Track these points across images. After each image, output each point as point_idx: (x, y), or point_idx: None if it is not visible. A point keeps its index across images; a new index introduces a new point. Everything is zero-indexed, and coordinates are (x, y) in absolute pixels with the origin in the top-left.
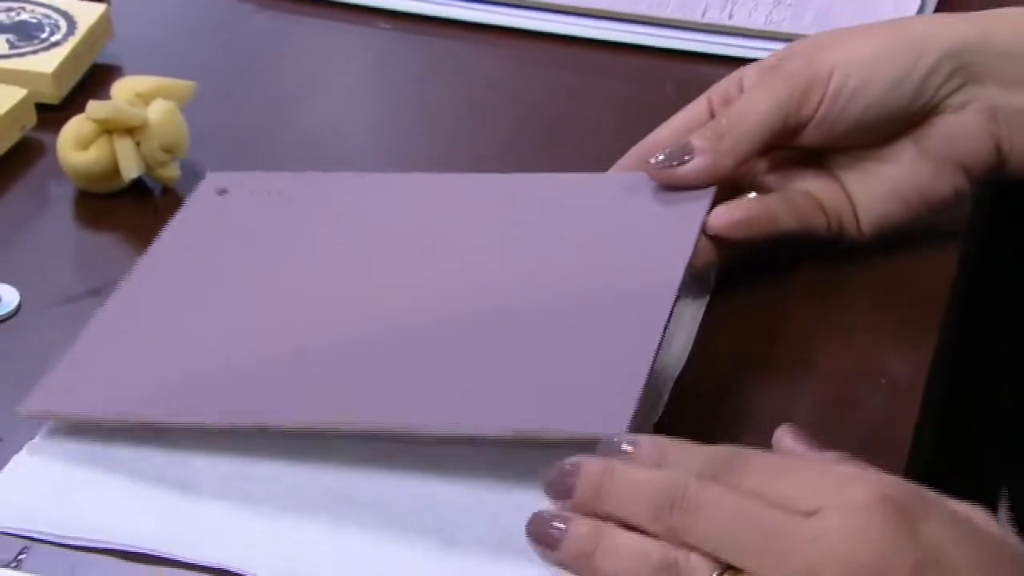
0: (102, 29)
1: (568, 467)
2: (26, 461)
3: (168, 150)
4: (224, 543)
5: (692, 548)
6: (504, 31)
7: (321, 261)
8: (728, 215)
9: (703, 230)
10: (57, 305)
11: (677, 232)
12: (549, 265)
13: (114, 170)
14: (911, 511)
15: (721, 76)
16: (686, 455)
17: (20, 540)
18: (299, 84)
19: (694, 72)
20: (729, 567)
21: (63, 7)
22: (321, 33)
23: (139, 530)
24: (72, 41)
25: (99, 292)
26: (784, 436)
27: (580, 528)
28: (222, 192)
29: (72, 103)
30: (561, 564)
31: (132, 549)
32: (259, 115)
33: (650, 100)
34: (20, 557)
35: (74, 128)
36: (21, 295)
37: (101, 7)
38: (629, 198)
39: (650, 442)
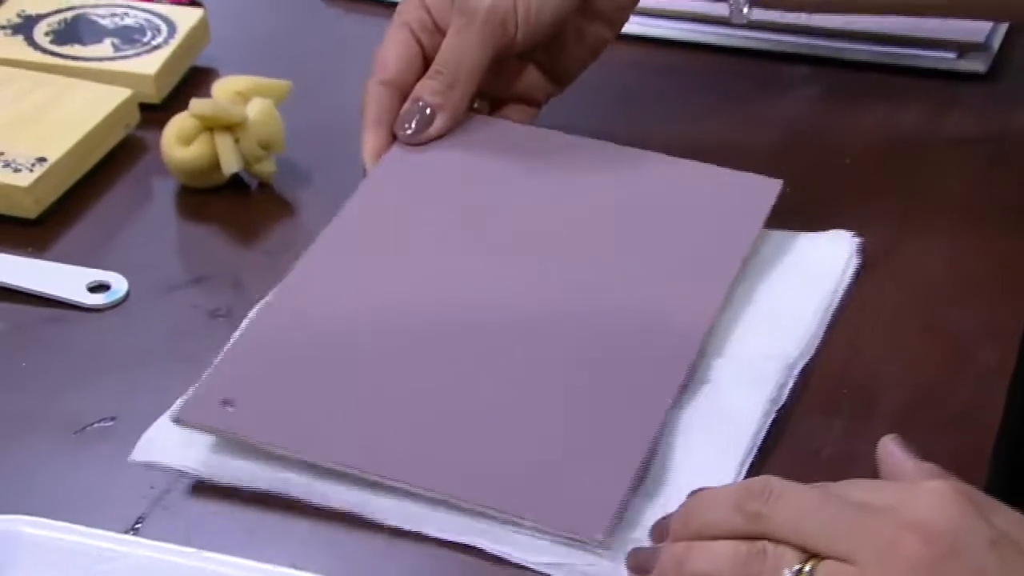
0: (200, 33)
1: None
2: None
3: (265, 146)
4: (351, 491)
5: (777, 540)
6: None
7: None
8: None
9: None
10: (162, 292)
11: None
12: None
13: (214, 165)
14: (982, 503)
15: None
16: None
17: (137, 511)
18: None
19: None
20: (813, 555)
21: (164, 12)
22: None
23: (276, 476)
24: (172, 44)
25: (200, 281)
26: (888, 442)
27: (673, 547)
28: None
29: (172, 104)
30: None
31: (270, 492)
32: (350, 112)
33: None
34: (137, 526)
35: (177, 125)
36: (129, 283)
37: (199, 12)
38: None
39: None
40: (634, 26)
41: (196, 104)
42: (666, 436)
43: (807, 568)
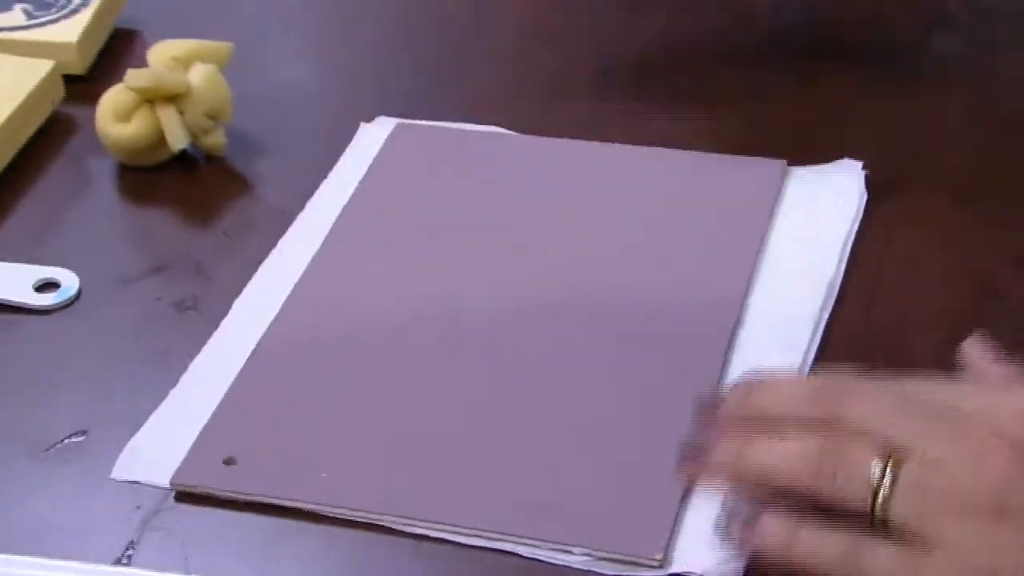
0: None
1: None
2: (166, 414)
3: (212, 116)
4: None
5: (853, 437)
6: None
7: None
8: None
9: None
10: (118, 286)
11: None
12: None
13: (158, 142)
14: None
15: None
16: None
17: (126, 535)
18: (329, 36)
19: None
20: (894, 452)
21: None
22: None
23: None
24: (91, 6)
25: (159, 270)
26: (971, 345)
27: (727, 443)
28: None
29: (97, 74)
30: (712, 475)
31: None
32: (296, 71)
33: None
34: (128, 553)
35: (112, 99)
36: (79, 279)
37: None
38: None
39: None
40: None
41: (133, 75)
42: None
43: (889, 469)
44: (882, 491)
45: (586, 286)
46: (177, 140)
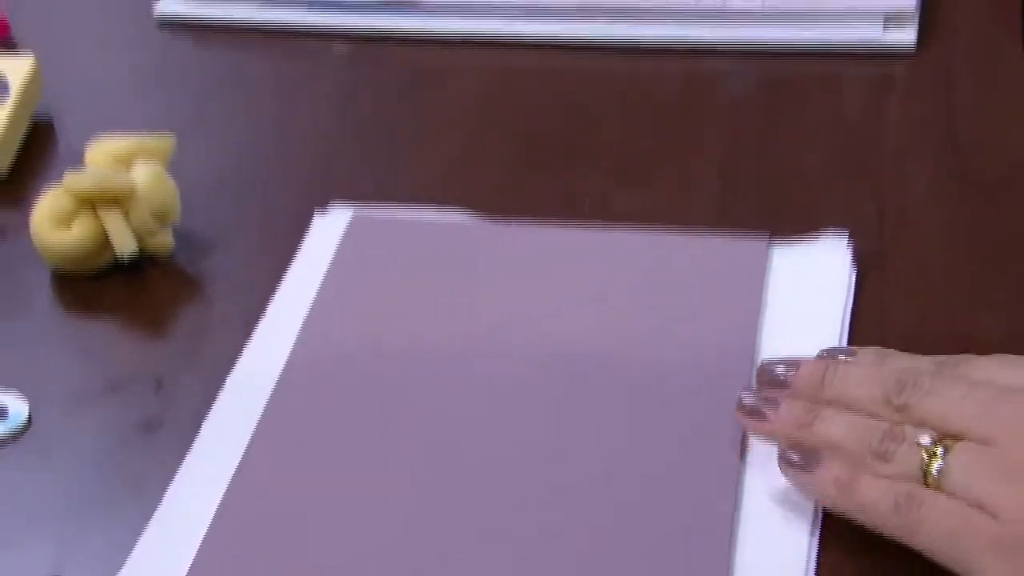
0: (35, 85)
1: (784, 364)
2: (146, 552)
3: (159, 217)
4: None
5: (916, 420)
6: (487, 43)
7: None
8: None
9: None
10: (73, 409)
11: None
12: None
13: (100, 248)
14: None
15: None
16: (910, 357)
17: None
18: (263, 120)
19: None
20: (951, 434)
21: None
22: (271, 61)
23: None
24: (8, 103)
25: (116, 389)
26: None
27: (795, 407)
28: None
29: (19, 176)
30: (771, 434)
31: None
32: (235, 159)
33: (656, 102)
34: None
35: (50, 204)
36: (28, 404)
37: (30, 60)
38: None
39: (871, 350)
40: (519, 26)
41: (74, 178)
42: None
43: (940, 449)
44: (935, 463)
45: (582, 382)
46: (125, 245)
